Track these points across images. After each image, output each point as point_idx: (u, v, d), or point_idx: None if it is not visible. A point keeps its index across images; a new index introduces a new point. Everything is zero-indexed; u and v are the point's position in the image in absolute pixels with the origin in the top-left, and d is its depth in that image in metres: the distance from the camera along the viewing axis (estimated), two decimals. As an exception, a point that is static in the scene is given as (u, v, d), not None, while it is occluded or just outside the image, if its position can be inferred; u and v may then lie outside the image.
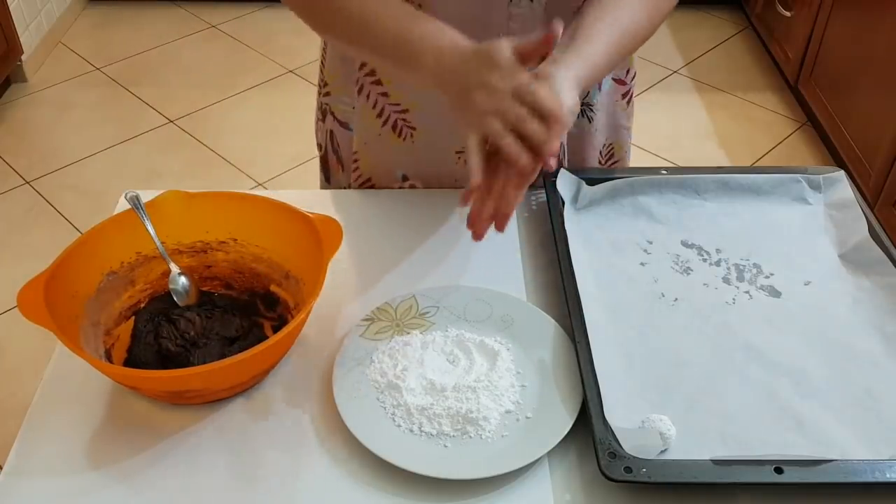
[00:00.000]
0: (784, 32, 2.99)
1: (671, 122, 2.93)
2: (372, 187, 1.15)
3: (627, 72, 1.12)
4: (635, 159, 2.91)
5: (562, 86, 0.81)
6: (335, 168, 1.20)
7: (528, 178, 0.81)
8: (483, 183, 0.81)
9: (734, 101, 3.03)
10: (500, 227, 0.82)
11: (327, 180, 1.23)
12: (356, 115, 1.10)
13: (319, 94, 1.16)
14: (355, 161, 1.13)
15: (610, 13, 0.90)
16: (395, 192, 1.13)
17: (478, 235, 0.82)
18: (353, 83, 1.08)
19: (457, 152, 1.09)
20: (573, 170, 1.06)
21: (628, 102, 1.15)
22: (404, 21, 0.87)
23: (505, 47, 0.80)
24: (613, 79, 1.12)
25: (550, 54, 0.84)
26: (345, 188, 1.18)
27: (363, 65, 1.04)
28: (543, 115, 0.77)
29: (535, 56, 0.82)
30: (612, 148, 1.18)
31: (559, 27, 0.79)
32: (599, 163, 1.18)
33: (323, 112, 1.17)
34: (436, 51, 0.84)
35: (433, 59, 0.84)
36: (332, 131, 1.17)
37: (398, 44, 0.87)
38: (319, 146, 1.22)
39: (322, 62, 1.14)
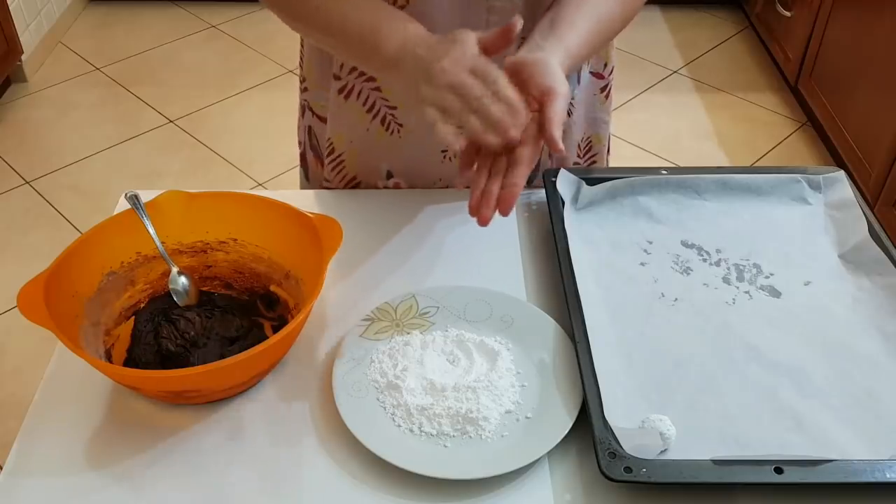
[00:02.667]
0: (784, 32, 2.99)
1: (671, 122, 2.93)
2: (357, 185, 1.15)
3: (605, 66, 1.13)
4: (635, 159, 2.91)
5: (556, 70, 0.83)
6: (314, 164, 1.20)
7: (530, 159, 0.82)
8: (486, 165, 0.83)
9: (734, 101, 3.03)
10: (505, 211, 0.82)
11: (307, 178, 1.23)
12: (339, 116, 1.10)
13: (300, 90, 1.17)
14: (341, 161, 1.13)
15: (588, 3, 0.92)
16: (394, 192, 1.13)
17: (483, 220, 0.82)
18: (328, 82, 1.08)
19: (442, 151, 1.10)
20: (573, 170, 1.07)
21: (606, 96, 1.16)
22: (372, 11, 0.89)
23: (469, 34, 0.82)
24: (591, 72, 1.12)
25: (525, 41, 0.86)
26: (324, 181, 1.18)
27: (353, 68, 1.05)
28: (504, 100, 0.79)
29: (498, 48, 0.83)
30: (591, 141, 1.19)
31: (519, 22, 0.81)
32: (578, 156, 1.18)
33: (302, 108, 1.18)
34: (401, 38, 0.85)
35: (397, 46, 0.85)
36: (310, 127, 1.17)
37: (364, 32, 0.88)
38: (300, 143, 1.22)
39: (301, 59, 1.14)
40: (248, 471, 0.79)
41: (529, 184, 1.16)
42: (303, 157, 1.23)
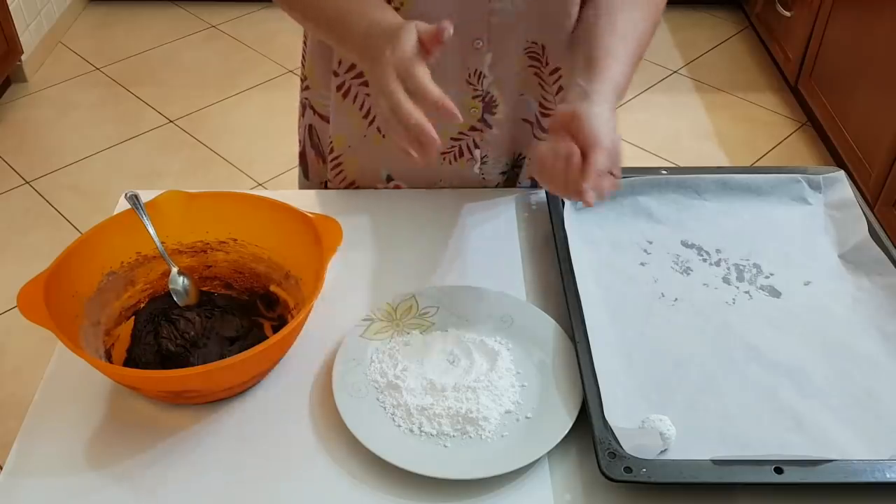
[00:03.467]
0: (784, 32, 2.99)
1: (671, 122, 2.93)
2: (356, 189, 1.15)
3: None
4: (635, 159, 2.90)
5: (602, 123, 0.80)
6: (314, 162, 1.20)
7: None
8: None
9: (734, 101, 3.03)
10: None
11: (305, 176, 1.23)
12: (339, 114, 1.09)
13: (301, 89, 1.16)
14: (338, 165, 1.13)
15: (620, 29, 0.90)
16: (394, 192, 1.13)
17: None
18: (330, 81, 1.08)
19: (442, 154, 1.10)
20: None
21: None
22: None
23: (411, 30, 0.80)
24: None
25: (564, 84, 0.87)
26: (325, 181, 1.17)
27: (351, 67, 1.04)
28: (421, 98, 0.77)
29: (427, 50, 0.80)
30: None
31: (449, 28, 0.78)
32: None
33: (303, 106, 1.17)
34: (366, 25, 0.85)
35: (362, 34, 0.85)
36: (311, 125, 1.17)
37: (339, 16, 0.87)
38: (300, 142, 1.22)
39: (303, 57, 1.14)
40: (248, 471, 0.79)
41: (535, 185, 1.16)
42: (302, 155, 1.23)
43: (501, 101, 1.05)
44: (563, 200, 1.03)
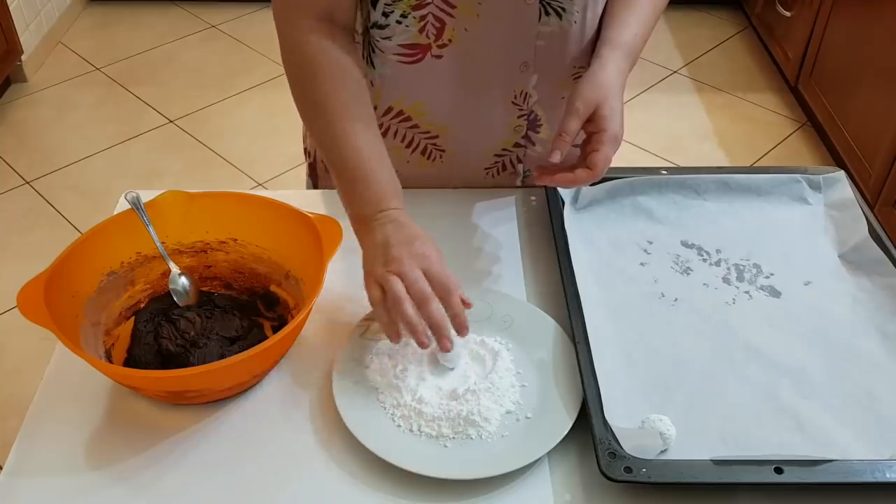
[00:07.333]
0: (784, 32, 2.99)
1: (671, 122, 2.93)
2: None
3: None
4: (635, 159, 2.89)
5: (615, 113, 0.89)
6: (324, 175, 1.19)
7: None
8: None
9: (734, 102, 3.03)
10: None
11: (315, 186, 1.23)
12: None
13: None
14: None
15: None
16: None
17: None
18: None
19: (485, 169, 1.10)
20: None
21: None
22: (365, 159, 0.89)
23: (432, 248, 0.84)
24: None
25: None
26: None
27: (388, 109, 1.04)
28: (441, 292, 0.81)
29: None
30: None
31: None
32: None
33: None
34: (376, 201, 0.87)
35: (372, 210, 0.86)
36: None
37: (354, 176, 0.88)
38: (307, 153, 1.22)
39: None
40: (248, 471, 0.79)
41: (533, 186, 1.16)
42: (311, 167, 1.22)
43: (546, 120, 1.06)
44: (562, 200, 1.03)
